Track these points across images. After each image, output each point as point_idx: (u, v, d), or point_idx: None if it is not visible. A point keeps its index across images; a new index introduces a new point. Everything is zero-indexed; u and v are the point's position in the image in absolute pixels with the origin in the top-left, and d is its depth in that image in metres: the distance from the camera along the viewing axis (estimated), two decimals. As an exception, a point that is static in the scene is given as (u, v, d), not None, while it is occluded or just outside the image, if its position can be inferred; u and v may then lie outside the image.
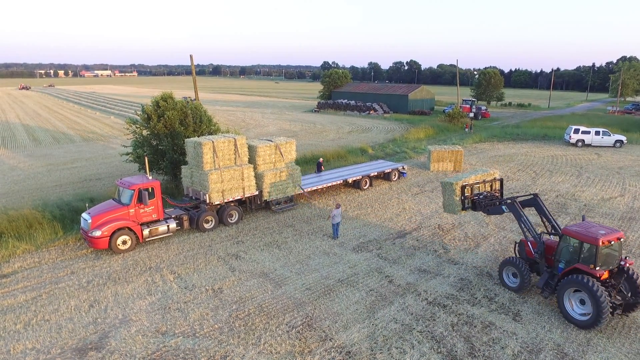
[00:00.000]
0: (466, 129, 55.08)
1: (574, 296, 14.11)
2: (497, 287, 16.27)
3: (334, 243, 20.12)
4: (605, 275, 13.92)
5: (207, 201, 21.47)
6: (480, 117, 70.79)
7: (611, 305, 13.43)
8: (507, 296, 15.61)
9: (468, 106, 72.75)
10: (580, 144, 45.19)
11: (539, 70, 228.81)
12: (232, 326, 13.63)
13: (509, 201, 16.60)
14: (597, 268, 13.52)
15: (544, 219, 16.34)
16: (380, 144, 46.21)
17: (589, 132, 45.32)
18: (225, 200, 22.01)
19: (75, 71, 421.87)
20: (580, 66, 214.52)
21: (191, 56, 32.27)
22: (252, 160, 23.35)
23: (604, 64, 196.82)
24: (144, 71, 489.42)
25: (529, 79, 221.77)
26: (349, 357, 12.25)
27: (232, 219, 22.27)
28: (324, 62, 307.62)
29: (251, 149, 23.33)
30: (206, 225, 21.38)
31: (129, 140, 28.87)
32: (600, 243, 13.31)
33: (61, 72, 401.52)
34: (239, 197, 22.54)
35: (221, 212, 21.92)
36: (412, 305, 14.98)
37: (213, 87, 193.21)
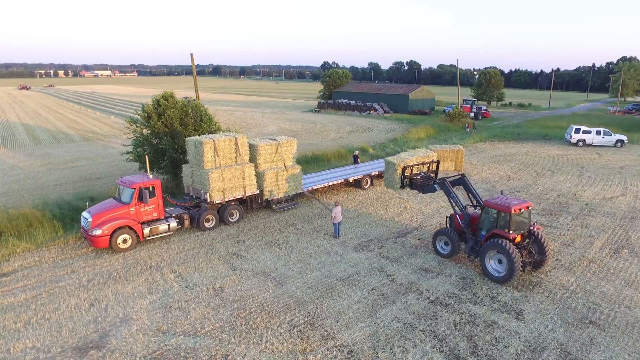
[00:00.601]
0: (467, 129, 55.03)
1: (493, 257, 16.73)
2: (499, 286, 16.19)
3: (335, 242, 20.05)
4: (518, 238, 16.67)
5: (208, 200, 21.39)
6: (480, 117, 70.76)
7: (522, 262, 16.33)
8: (509, 295, 15.54)
9: (468, 106, 72.76)
10: (581, 143, 45.12)
11: (539, 71, 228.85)
12: (234, 325, 13.55)
13: (439, 181, 19.69)
14: (511, 232, 16.24)
15: (470, 195, 18.96)
16: (381, 143, 46.14)
17: (589, 132, 45.26)
18: (226, 199, 21.94)
19: (75, 71, 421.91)
20: (580, 66, 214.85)
21: (192, 55, 32.21)
22: (253, 159, 23.26)
23: (604, 64, 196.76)
24: (144, 71, 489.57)
25: (529, 79, 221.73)
26: (351, 357, 12.18)
27: (233, 218, 22.19)
28: (324, 62, 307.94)
29: (252, 148, 23.24)
30: (207, 224, 21.31)
31: (129, 140, 28.80)
32: (513, 211, 16.08)
33: (61, 72, 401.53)
34: (239, 196, 22.46)
35: (222, 211, 21.84)
36: (414, 304, 14.90)
37: (213, 87, 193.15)
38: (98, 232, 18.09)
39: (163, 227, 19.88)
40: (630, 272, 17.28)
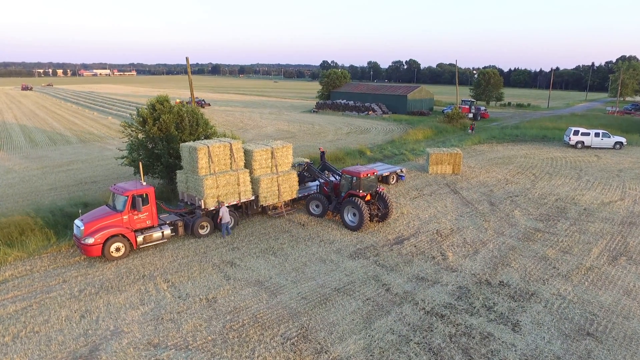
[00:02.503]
0: (469, 131, 54.86)
1: (349, 211, 22.05)
2: (496, 295, 16.02)
3: (330, 249, 19.85)
4: (368, 197, 22.32)
5: (202, 207, 21.18)
6: (479, 118, 70.60)
7: (370, 215, 22.13)
8: (506, 305, 15.37)
9: (467, 107, 72.56)
10: (579, 145, 44.96)
11: (538, 70, 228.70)
12: (226, 338, 13.35)
13: (305, 167, 26.31)
14: (361, 192, 21.77)
15: (332, 172, 26.51)
16: (379, 145, 45.94)
17: (588, 134, 45.09)
18: (219, 206, 21.69)
19: (74, 70, 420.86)
20: (579, 65, 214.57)
21: (187, 59, 31.94)
22: (248, 164, 23.05)
23: (603, 64, 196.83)
24: (142, 70, 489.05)
25: (528, 78, 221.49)
26: (345, 371, 12.00)
27: (229, 224, 21.96)
28: (323, 61, 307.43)
29: (247, 154, 23.03)
30: (201, 231, 21.09)
31: (124, 144, 28.56)
32: (362, 176, 21.75)
33: (60, 71, 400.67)
34: (234, 203, 22.25)
35: (216, 218, 21.62)
36: (410, 315, 14.71)
37: (212, 86, 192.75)
38: (90, 240, 17.86)
39: (157, 234, 19.66)
40: (628, 281, 17.11)
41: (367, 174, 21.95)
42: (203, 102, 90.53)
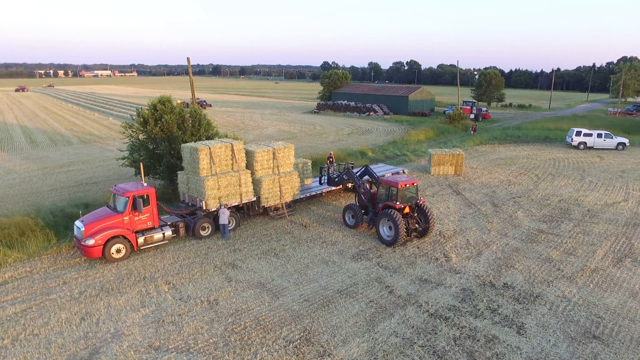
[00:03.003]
0: (471, 132, 54.72)
1: (385, 224, 20.28)
2: (500, 297, 15.86)
3: (333, 251, 19.69)
4: (407, 209, 20.33)
5: (204, 208, 21.03)
6: (480, 119, 70.41)
7: (408, 229, 20.05)
8: (510, 307, 15.20)
9: (468, 107, 72.41)
10: (582, 146, 44.76)
11: (539, 71, 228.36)
12: (228, 341, 13.20)
13: (345, 170, 24.26)
14: (398, 203, 19.86)
15: (374, 180, 22.96)
16: (380, 146, 45.79)
17: (590, 135, 44.91)
18: (220, 207, 21.54)
19: (75, 71, 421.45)
20: (580, 66, 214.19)
21: (188, 59, 31.83)
22: (249, 165, 22.92)
23: (604, 64, 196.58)
24: (143, 71, 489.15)
25: (529, 79, 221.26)
26: (348, 375, 11.84)
27: (230, 226, 21.82)
28: (324, 62, 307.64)
29: (249, 154, 22.90)
30: (202, 233, 20.94)
31: (125, 144, 28.44)
32: (400, 186, 19.90)
33: (61, 72, 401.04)
34: (236, 204, 22.10)
35: (217, 219, 21.46)
36: (413, 318, 14.55)
37: (213, 87, 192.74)
38: (91, 241, 17.72)
39: (158, 236, 19.52)
40: (634, 283, 16.93)
41: (406, 184, 20.23)
42: (204, 103, 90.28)
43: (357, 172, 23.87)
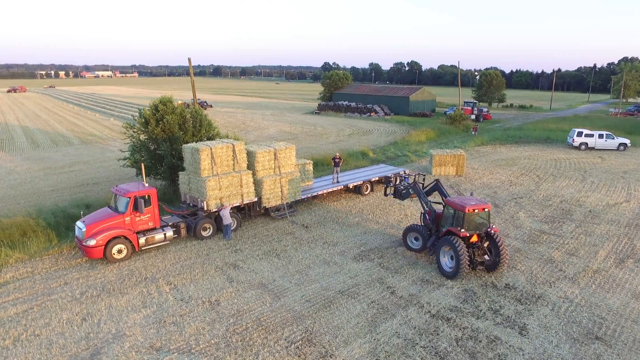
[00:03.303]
0: (472, 132, 54.69)
1: (446, 253, 17.47)
2: (502, 298, 15.81)
3: (334, 251, 19.65)
4: (475, 238, 17.14)
5: (205, 208, 21.01)
6: (481, 119, 70.37)
7: (475, 261, 17.11)
8: (512, 308, 15.15)
9: (469, 108, 72.37)
10: (583, 147, 44.70)
11: (540, 71, 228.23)
12: (229, 341, 13.17)
13: (412, 184, 20.69)
14: (463, 230, 16.85)
15: (442, 197, 19.43)
16: (382, 147, 45.76)
17: (592, 135, 44.85)
18: (221, 207, 21.53)
19: (76, 72, 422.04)
20: (581, 67, 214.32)
21: (189, 59, 31.83)
22: (251, 166, 22.89)
23: (605, 65, 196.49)
24: (144, 72, 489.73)
25: (530, 79, 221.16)
26: (350, 376, 11.80)
27: (232, 226, 21.78)
28: (325, 62, 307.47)
29: (250, 155, 22.88)
30: (204, 233, 20.92)
31: (126, 145, 28.43)
32: (467, 210, 16.73)
33: (62, 73, 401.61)
34: (237, 204, 22.08)
35: (219, 220, 21.45)
36: (415, 319, 14.51)
37: (214, 87, 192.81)
38: (92, 242, 17.71)
39: (159, 236, 19.50)
40: (637, 284, 16.88)
41: (475, 209, 16.94)
42: (205, 104, 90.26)
43: (426, 188, 20.88)
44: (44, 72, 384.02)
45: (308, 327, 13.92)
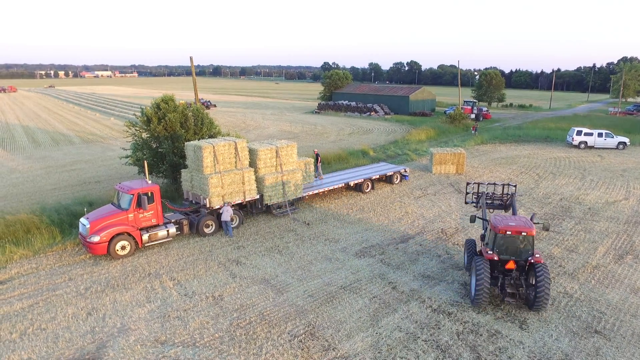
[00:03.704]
0: (472, 131, 54.85)
1: (473, 276, 15.04)
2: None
3: (336, 248, 19.81)
4: (511, 265, 14.77)
5: (207, 205, 21.17)
6: (481, 119, 70.52)
7: (504, 290, 14.70)
8: (513, 303, 15.29)
9: (469, 107, 72.54)
10: (582, 145, 44.87)
11: (539, 71, 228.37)
12: (233, 335, 13.33)
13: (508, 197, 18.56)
14: (490, 252, 14.79)
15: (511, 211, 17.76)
16: (382, 145, 45.92)
17: (591, 134, 44.99)
18: (224, 204, 21.67)
19: (75, 72, 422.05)
20: (580, 67, 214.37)
21: (191, 58, 32.00)
22: (252, 163, 23.05)
23: (604, 65, 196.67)
24: (144, 72, 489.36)
25: (529, 79, 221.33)
26: (353, 368, 11.97)
27: (233, 223, 21.95)
28: (324, 62, 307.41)
29: (252, 152, 23.04)
30: (206, 230, 21.08)
31: (128, 143, 28.58)
32: (499, 231, 14.55)
33: (61, 73, 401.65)
34: (239, 201, 22.23)
35: (221, 217, 21.59)
36: (417, 313, 14.68)
37: (213, 87, 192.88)
38: (96, 238, 17.86)
39: (162, 233, 19.66)
40: (635, 279, 17.06)
41: (507, 231, 14.51)
42: (209, 103, 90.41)
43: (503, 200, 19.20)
44: (43, 72, 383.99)
45: (311, 322, 14.08)
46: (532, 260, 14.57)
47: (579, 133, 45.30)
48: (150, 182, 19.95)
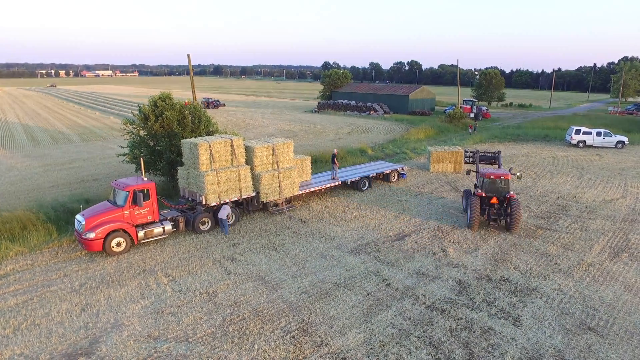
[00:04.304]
0: (470, 130, 54.85)
1: (468, 208, 22.13)
2: (497, 291, 15.98)
3: (331, 245, 19.83)
4: (494, 200, 21.42)
5: (203, 202, 21.19)
6: (480, 118, 70.51)
7: (490, 217, 21.56)
8: (506, 300, 15.33)
9: (469, 106, 72.51)
10: (581, 144, 44.86)
11: (540, 71, 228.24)
12: (226, 331, 13.35)
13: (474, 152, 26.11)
14: (479, 190, 21.67)
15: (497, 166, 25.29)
16: (380, 144, 45.92)
17: (590, 133, 44.99)
18: (222, 202, 21.72)
19: (76, 71, 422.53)
20: (581, 66, 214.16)
21: (188, 56, 32.01)
22: (249, 161, 23.07)
23: (605, 65, 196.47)
24: (145, 71, 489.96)
25: (530, 79, 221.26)
26: (345, 364, 11.97)
27: (229, 221, 21.96)
28: (325, 62, 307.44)
29: (248, 150, 23.05)
30: (202, 227, 21.10)
31: (126, 141, 28.63)
32: (485, 176, 21.70)
33: (62, 72, 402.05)
34: (235, 199, 22.25)
35: (217, 214, 21.60)
36: (410, 310, 14.69)
37: (214, 87, 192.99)
38: (92, 235, 17.89)
39: (158, 230, 19.68)
40: (630, 277, 17.05)
41: (491, 176, 21.58)
42: (218, 103, 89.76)
43: (486, 156, 26.61)
44: (44, 72, 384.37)
45: (304, 318, 14.10)
46: (508, 196, 21.16)
47: (577, 132, 45.30)
48: (146, 179, 19.97)
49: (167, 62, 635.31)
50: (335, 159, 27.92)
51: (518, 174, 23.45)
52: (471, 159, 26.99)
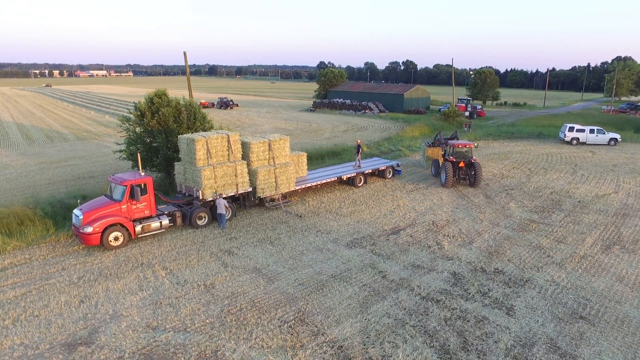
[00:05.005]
0: (465, 128, 55.21)
1: (442, 171, 29.05)
2: (491, 282, 16.23)
3: (327, 239, 20.02)
4: (462, 164, 28.54)
5: (200, 197, 21.32)
6: (475, 116, 70.95)
7: (459, 176, 28.98)
8: (500, 291, 15.57)
9: (463, 105, 72.98)
10: (575, 142, 45.29)
11: (534, 71, 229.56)
12: (224, 321, 13.51)
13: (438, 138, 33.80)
14: (451, 157, 28.84)
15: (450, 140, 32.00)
16: (376, 142, 46.17)
17: (583, 130, 45.45)
18: (217, 197, 21.85)
19: (70, 71, 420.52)
20: (575, 66, 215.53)
21: (185, 54, 32.13)
22: (245, 156, 23.22)
23: (599, 64, 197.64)
24: (139, 71, 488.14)
25: (524, 79, 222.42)
26: (341, 352, 12.16)
27: (227, 215, 22.09)
28: (320, 62, 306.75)
29: (245, 146, 23.21)
30: (199, 222, 21.24)
31: (122, 138, 28.70)
32: (455, 146, 29.15)
33: (56, 72, 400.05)
34: (232, 194, 22.40)
35: (214, 209, 21.76)
36: (405, 300, 14.89)
37: (209, 87, 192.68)
38: (89, 229, 17.99)
39: (155, 224, 19.80)
40: (621, 268, 17.35)
41: (459, 145, 29.04)
42: (231, 103, 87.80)
43: (447, 138, 33.78)
44: (37, 72, 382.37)
45: (301, 308, 14.28)
46: (472, 161, 28.48)
47: (571, 129, 45.74)
48: (143, 173, 20.08)
49: (162, 62, 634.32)
50: (360, 149, 30.35)
51: (475, 144, 31.88)
52: (433, 141, 34.88)
